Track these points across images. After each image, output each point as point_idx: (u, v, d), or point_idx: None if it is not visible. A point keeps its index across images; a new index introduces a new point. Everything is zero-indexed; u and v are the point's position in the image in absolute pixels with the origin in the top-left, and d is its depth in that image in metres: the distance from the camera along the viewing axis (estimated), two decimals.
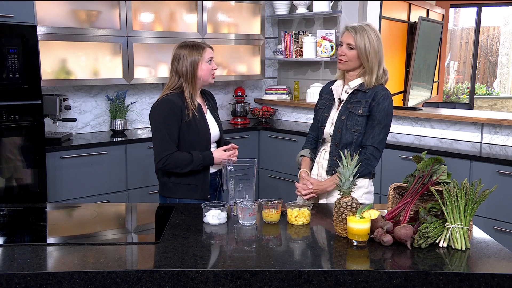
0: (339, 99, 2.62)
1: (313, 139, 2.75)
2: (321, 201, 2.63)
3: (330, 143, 2.61)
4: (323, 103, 2.70)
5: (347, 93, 2.59)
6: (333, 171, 2.55)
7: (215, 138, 2.69)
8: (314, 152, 2.71)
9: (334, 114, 2.62)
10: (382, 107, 2.52)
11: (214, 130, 2.68)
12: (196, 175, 2.58)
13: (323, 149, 2.65)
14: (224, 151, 2.64)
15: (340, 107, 2.60)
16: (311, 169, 2.68)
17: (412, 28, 6.91)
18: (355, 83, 2.57)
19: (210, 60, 2.62)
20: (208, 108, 2.73)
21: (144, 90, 4.64)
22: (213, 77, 2.65)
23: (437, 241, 1.87)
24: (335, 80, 2.71)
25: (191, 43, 2.63)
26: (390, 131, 4.45)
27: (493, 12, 11.49)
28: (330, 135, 2.60)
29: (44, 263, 1.77)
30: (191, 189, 2.59)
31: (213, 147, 2.70)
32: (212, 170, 2.66)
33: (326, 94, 2.71)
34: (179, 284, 1.64)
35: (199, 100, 2.68)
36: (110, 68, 4.20)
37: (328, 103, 2.67)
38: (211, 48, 2.66)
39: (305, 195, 2.57)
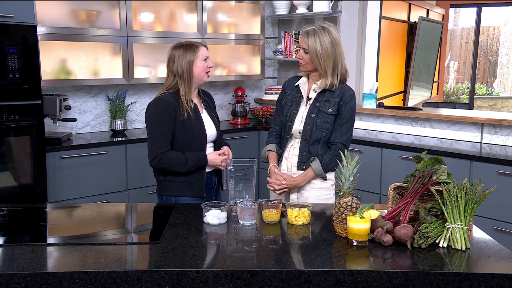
0: (308, 97, 2.68)
1: (276, 133, 2.81)
2: (292, 195, 2.70)
3: (299, 139, 2.68)
4: (289, 99, 2.74)
5: (315, 91, 2.66)
6: (304, 167, 2.66)
7: (211, 138, 2.69)
8: (279, 146, 2.78)
9: (303, 112, 2.68)
10: (350, 106, 2.64)
11: (210, 130, 2.68)
12: (191, 173, 2.59)
13: (292, 145, 2.71)
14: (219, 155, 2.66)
15: (308, 105, 2.67)
16: (278, 164, 2.75)
17: (412, 28, 6.91)
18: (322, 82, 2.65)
19: (206, 59, 2.63)
20: (204, 108, 2.73)
21: (144, 90, 4.64)
22: (207, 76, 2.66)
23: (437, 241, 1.87)
24: (298, 76, 2.78)
25: (185, 43, 2.65)
26: (390, 131, 4.50)
27: (493, 12, 11.50)
28: (299, 132, 2.67)
29: (44, 263, 1.77)
30: (186, 186, 2.59)
31: (209, 147, 2.70)
32: (208, 169, 2.66)
33: (291, 91, 2.75)
34: (179, 284, 1.64)
35: (195, 99, 2.68)
36: (110, 68, 4.20)
37: (295, 100, 2.72)
38: (206, 47, 2.68)
39: (278, 190, 2.64)
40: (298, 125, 2.67)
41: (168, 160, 2.53)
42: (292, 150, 2.70)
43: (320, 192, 2.69)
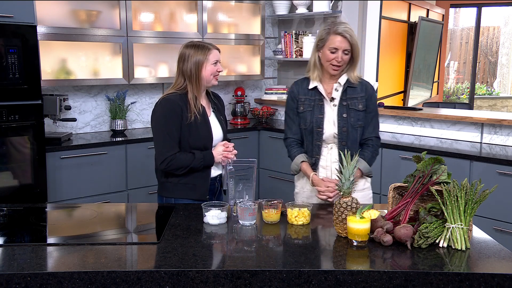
0: (332, 98, 2.59)
1: (297, 142, 2.67)
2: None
3: (332, 144, 2.58)
4: (307, 104, 2.61)
5: (337, 91, 2.58)
6: None
7: (217, 141, 2.63)
8: (310, 155, 2.64)
9: (331, 114, 2.58)
10: (374, 98, 2.64)
11: (217, 133, 2.63)
12: (196, 175, 2.55)
13: (327, 152, 2.59)
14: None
15: (334, 106, 2.57)
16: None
17: (412, 28, 6.92)
18: (343, 80, 2.58)
19: (216, 62, 2.57)
20: (213, 111, 2.67)
21: (144, 90, 4.64)
22: (216, 80, 2.59)
23: (437, 241, 1.87)
24: (304, 80, 2.65)
25: (197, 43, 2.59)
26: (390, 131, 4.49)
27: (493, 12, 11.50)
28: (334, 135, 2.56)
29: (44, 263, 1.77)
30: (189, 188, 2.55)
31: None
32: (213, 174, 2.62)
33: (305, 95, 2.62)
34: (179, 284, 1.64)
35: (203, 101, 2.62)
36: (110, 68, 4.20)
37: (314, 103, 2.60)
38: (218, 50, 2.60)
39: (333, 197, 2.51)
40: (331, 129, 2.57)
41: (177, 162, 2.48)
42: (329, 157, 2.59)
43: (363, 193, 2.62)
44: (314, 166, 2.62)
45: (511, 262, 1.77)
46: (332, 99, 2.59)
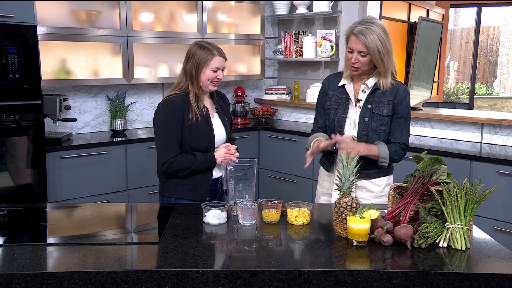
0: (357, 99, 2.49)
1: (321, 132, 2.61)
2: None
3: None
4: (333, 101, 2.54)
5: (364, 92, 2.48)
6: (361, 174, 2.45)
7: (220, 143, 2.62)
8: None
9: (354, 116, 2.50)
10: (406, 103, 2.47)
11: (220, 135, 2.62)
12: (197, 176, 2.54)
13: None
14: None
15: (358, 108, 2.48)
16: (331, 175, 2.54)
17: (412, 28, 6.91)
18: (371, 82, 2.47)
19: (217, 70, 2.53)
20: (216, 112, 2.66)
21: (144, 90, 4.63)
22: (213, 85, 2.55)
23: (437, 241, 1.87)
24: (338, 74, 2.59)
25: (205, 44, 2.55)
26: None
27: (493, 12, 11.49)
28: (353, 138, 2.48)
29: (44, 263, 1.77)
30: (190, 189, 2.55)
31: None
32: (215, 175, 2.61)
33: (334, 92, 2.55)
34: (179, 284, 1.64)
35: (206, 102, 2.61)
36: (110, 68, 4.20)
37: (341, 102, 2.52)
38: (225, 58, 2.56)
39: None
40: (351, 131, 2.49)
41: (178, 164, 2.48)
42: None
43: (385, 199, 2.54)
44: (332, 165, 2.57)
45: (511, 262, 1.77)
46: (358, 100, 2.50)
